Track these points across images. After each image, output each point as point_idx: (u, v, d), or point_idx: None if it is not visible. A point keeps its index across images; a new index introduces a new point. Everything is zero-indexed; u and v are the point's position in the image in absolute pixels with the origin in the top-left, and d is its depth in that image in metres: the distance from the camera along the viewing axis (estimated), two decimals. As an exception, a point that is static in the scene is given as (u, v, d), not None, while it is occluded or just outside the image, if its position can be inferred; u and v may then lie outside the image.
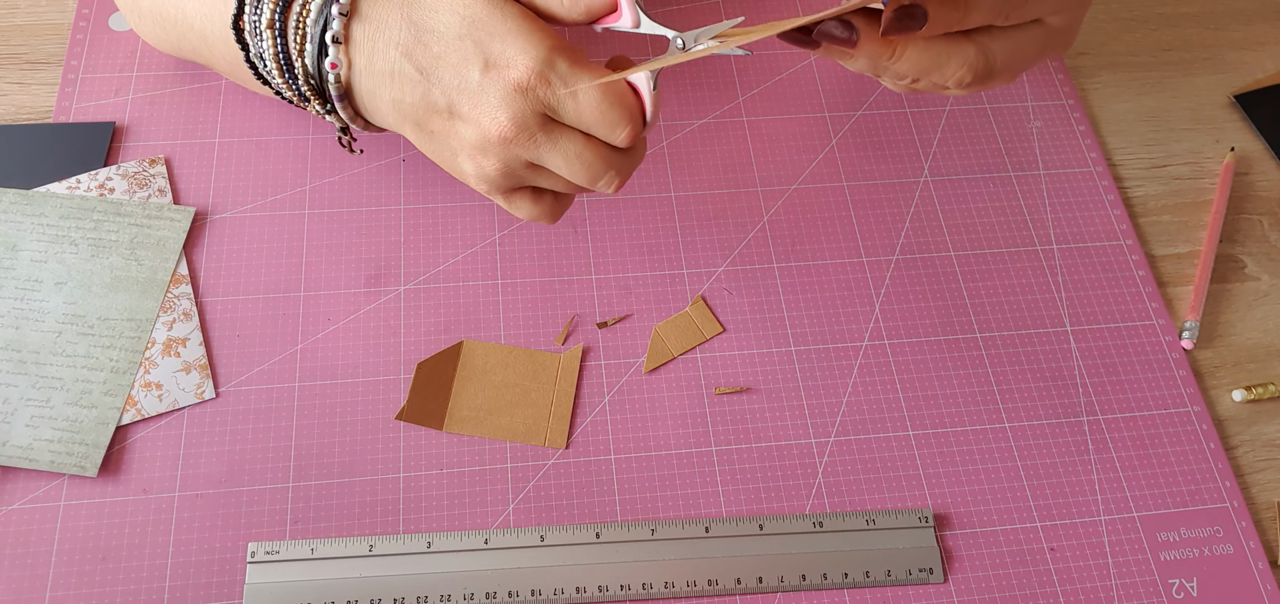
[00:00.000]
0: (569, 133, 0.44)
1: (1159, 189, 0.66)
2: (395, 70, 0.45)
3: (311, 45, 0.46)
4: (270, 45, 0.47)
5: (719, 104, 0.66)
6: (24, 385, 0.52)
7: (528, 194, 0.48)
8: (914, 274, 0.61)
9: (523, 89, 0.43)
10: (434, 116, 0.46)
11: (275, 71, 0.48)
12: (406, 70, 0.45)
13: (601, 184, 0.45)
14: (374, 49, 0.45)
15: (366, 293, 0.57)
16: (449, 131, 0.46)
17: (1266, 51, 0.73)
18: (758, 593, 0.51)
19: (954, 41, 0.44)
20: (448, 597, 0.49)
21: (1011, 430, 0.56)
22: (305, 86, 0.48)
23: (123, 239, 0.57)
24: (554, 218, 0.49)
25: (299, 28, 0.46)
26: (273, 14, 0.47)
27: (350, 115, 0.49)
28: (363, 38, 0.45)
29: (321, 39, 0.46)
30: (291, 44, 0.47)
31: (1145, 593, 0.52)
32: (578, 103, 0.43)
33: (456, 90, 0.44)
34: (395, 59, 0.45)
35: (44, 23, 0.65)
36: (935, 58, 0.44)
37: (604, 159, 0.45)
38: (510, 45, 0.43)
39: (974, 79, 0.45)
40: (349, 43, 0.46)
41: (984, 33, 0.45)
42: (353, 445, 0.53)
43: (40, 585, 0.48)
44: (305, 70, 0.47)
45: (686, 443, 0.54)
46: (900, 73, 0.45)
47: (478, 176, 0.46)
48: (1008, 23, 0.45)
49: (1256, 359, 0.60)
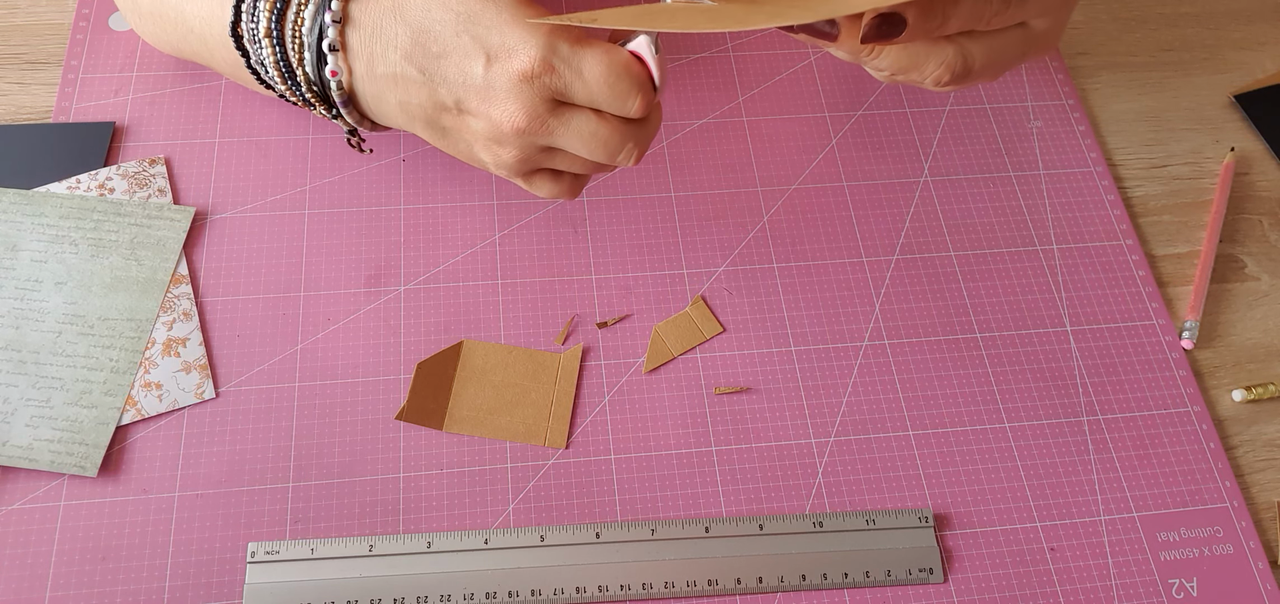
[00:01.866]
0: (581, 113, 0.44)
1: (1159, 189, 0.66)
2: (398, 73, 0.45)
3: (310, 54, 0.46)
4: (270, 53, 0.47)
5: (719, 104, 0.66)
6: (24, 385, 0.52)
7: (547, 175, 0.48)
8: (914, 274, 0.61)
9: (529, 77, 0.43)
10: (444, 114, 0.45)
11: (278, 79, 0.48)
12: (409, 72, 0.45)
13: (620, 157, 0.45)
14: (373, 54, 0.45)
15: (366, 293, 0.57)
16: (461, 127, 0.46)
17: (1266, 51, 0.73)
18: (758, 593, 0.51)
19: (933, 42, 0.44)
20: (448, 597, 0.49)
21: (1011, 430, 0.56)
22: (309, 93, 0.47)
23: (123, 239, 0.57)
24: (574, 194, 0.49)
25: (295, 36, 0.46)
26: (269, 23, 0.46)
27: (357, 119, 0.48)
28: (360, 45, 0.45)
29: (319, 47, 0.46)
30: (290, 53, 0.46)
31: (1145, 593, 0.52)
32: (585, 82, 0.43)
33: (463, 87, 0.44)
34: (396, 62, 0.45)
35: (44, 23, 0.65)
36: (913, 58, 0.44)
37: (620, 133, 0.45)
38: (510, 35, 0.43)
39: (952, 79, 0.45)
40: (347, 50, 0.46)
41: (964, 35, 0.44)
42: (353, 445, 0.53)
43: (40, 585, 0.48)
44: (307, 78, 0.47)
45: (686, 443, 0.54)
46: (879, 67, 0.45)
47: (496, 164, 0.46)
48: (989, 28, 0.44)
49: (1256, 359, 0.60)
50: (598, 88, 0.43)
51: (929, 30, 0.43)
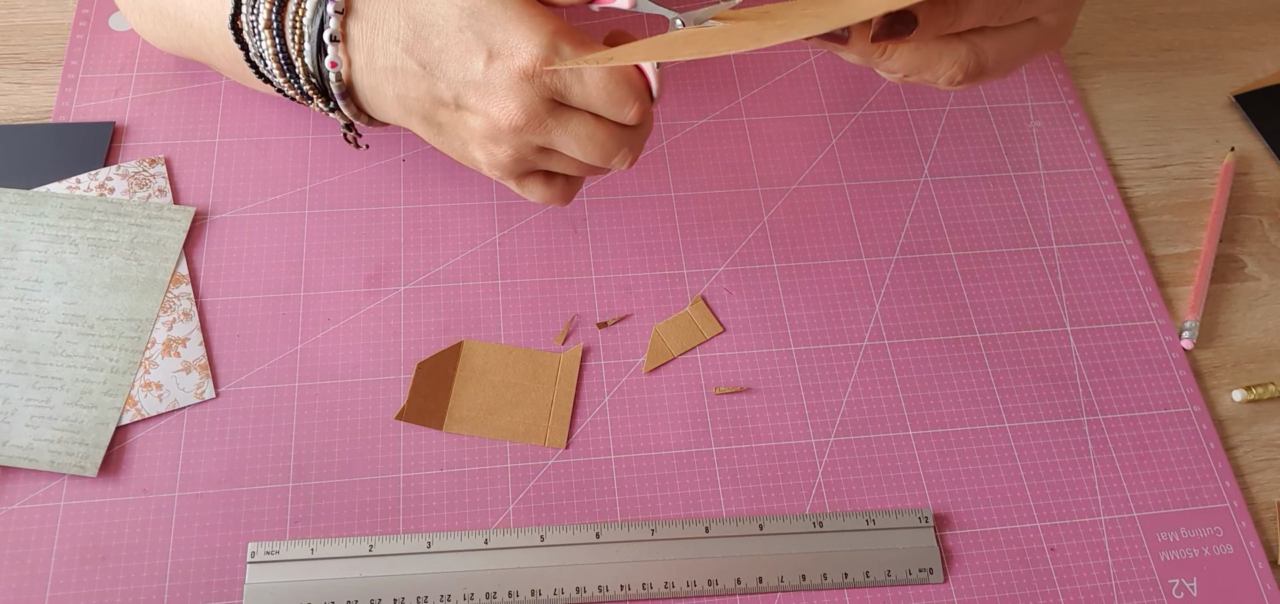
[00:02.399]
0: (578, 115, 0.44)
1: (1159, 189, 0.66)
2: (397, 66, 0.45)
3: (310, 44, 0.46)
4: (269, 45, 0.47)
5: (719, 104, 0.66)
6: (24, 385, 0.52)
7: (540, 178, 0.48)
8: (914, 274, 0.61)
9: (529, 76, 0.43)
10: (441, 110, 0.45)
11: (276, 71, 0.48)
12: (409, 66, 0.45)
13: (615, 161, 0.45)
14: (373, 46, 0.45)
15: (366, 293, 0.57)
16: (458, 123, 0.46)
17: (1266, 51, 0.73)
18: (758, 593, 0.51)
19: (945, 41, 0.44)
20: (448, 597, 0.49)
21: (1011, 430, 0.56)
22: (307, 85, 0.47)
23: (123, 239, 0.57)
24: (567, 199, 0.49)
25: (296, 27, 0.46)
26: (269, 14, 0.46)
27: (354, 112, 0.48)
28: (361, 36, 0.45)
29: (320, 38, 0.46)
30: (290, 44, 0.47)
31: (1145, 593, 0.52)
32: (584, 85, 0.43)
33: (462, 83, 0.44)
34: (397, 55, 0.45)
35: (44, 23, 0.65)
36: (926, 58, 0.44)
37: (615, 138, 0.45)
38: (513, 33, 0.43)
39: (965, 77, 0.45)
40: (347, 41, 0.46)
41: (976, 32, 0.44)
42: (353, 445, 0.53)
43: (40, 585, 0.48)
44: (306, 69, 0.47)
45: (686, 443, 0.54)
46: (891, 69, 0.45)
47: (490, 164, 0.46)
48: (1001, 24, 0.44)
49: (1256, 359, 0.60)
50: (596, 92, 0.43)
51: (941, 27, 0.42)
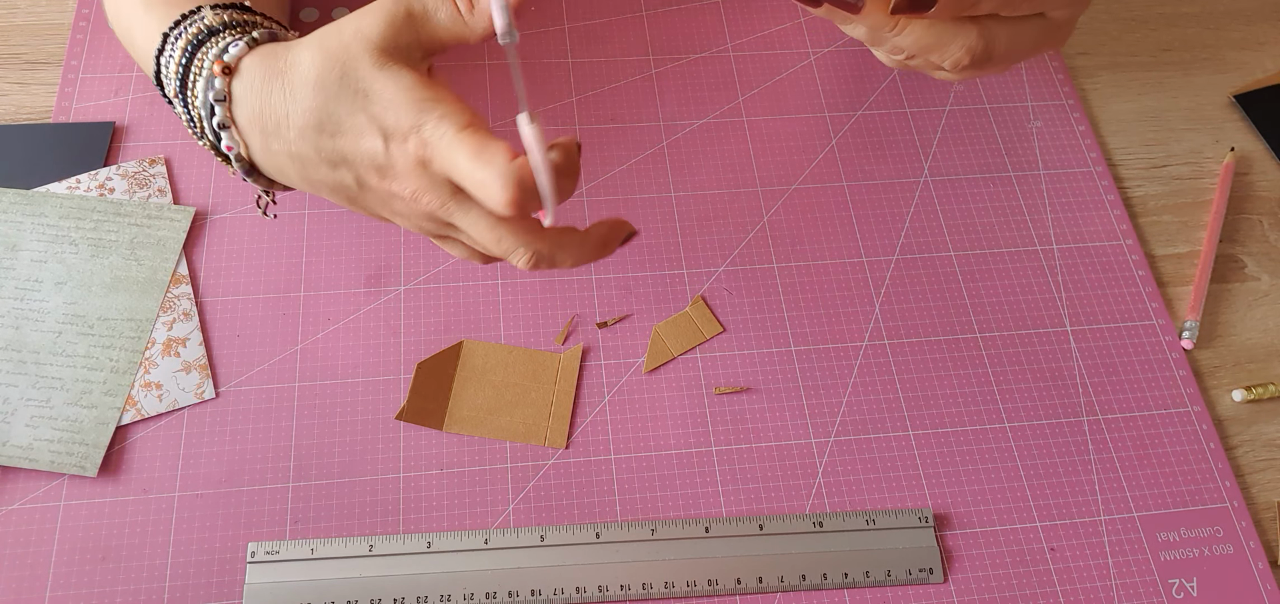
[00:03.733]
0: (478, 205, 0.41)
1: (1159, 189, 0.66)
2: (293, 151, 0.43)
3: (209, 126, 0.44)
4: (182, 113, 0.46)
5: (719, 104, 0.66)
6: (24, 385, 0.52)
7: (457, 243, 0.46)
8: (914, 274, 0.61)
9: (425, 163, 0.40)
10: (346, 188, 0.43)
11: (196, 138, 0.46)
12: (306, 152, 0.42)
13: (513, 258, 0.42)
14: (266, 131, 0.43)
15: (366, 293, 0.57)
16: (365, 197, 0.43)
17: (1266, 51, 0.73)
18: (758, 593, 0.51)
19: (959, 23, 0.43)
20: (448, 597, 0.49)
21: (1011, 430, 0.56)
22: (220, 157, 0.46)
23: (123, 239, 0.57)
24: (487, 262, 0.47)
25: (194, 106, 0.44)
26: (176, 86, 0.45)
27: (265, 185, 0.47)
28: (248, 122, 0.43)
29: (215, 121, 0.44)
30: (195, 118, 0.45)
31: (1145, 593, 0.52)
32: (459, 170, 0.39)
33: (363, 166, 0.42)
34: (292, 139, 0.42)
35: (44, 23, 0.65)
36: (938, 37, 0.43)
37: (513, 232, 0.41)
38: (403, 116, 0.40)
39: (971, 63, 0.44)
40: (237, 127, 0.44)
41: (988, 18, 0.44)
42: (353, 445, 0.53)
43: (40, 585, 0.48)
44: (212, 145, 0.45)
45: (686, 443, 0.54)
46: (899, 46, 0.44)
47: (407, 227, 0.44)
48: (1014, 12, 0.44)
49: (1256, 359, 0.60)
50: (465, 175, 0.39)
51: (960, 5, 0.42)
